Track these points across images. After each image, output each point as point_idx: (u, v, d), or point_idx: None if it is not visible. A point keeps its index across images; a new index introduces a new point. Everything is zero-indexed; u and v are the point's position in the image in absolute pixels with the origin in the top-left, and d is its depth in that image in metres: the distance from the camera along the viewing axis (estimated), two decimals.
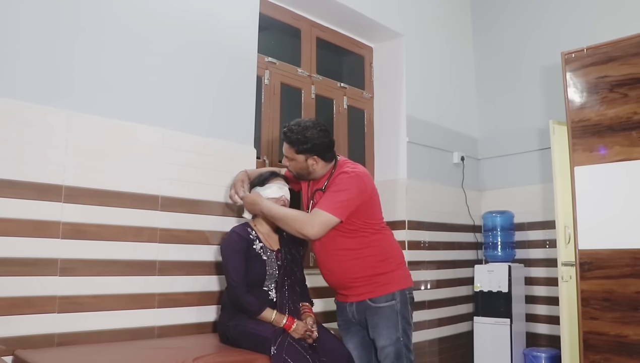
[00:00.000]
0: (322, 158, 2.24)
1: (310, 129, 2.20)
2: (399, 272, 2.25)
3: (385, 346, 2.16)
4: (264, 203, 2.27)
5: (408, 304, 2.22)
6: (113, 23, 2.33)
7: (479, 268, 3.96)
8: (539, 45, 4.17)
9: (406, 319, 2.19)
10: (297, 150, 2.22)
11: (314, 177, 2.30)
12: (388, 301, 2.17)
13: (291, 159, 2.26)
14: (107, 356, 1.94)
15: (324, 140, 2.22)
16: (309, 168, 2.25)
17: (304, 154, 2.22)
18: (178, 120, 2.52)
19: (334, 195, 2.14)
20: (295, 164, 2.27)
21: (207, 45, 2.67)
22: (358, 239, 2.20)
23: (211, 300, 2.54)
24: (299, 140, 2.20)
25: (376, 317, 2.18)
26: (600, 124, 2.64)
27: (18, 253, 1.97)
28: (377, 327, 2.18)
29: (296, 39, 3.48)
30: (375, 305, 2.18)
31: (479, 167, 4.48)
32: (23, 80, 2.06)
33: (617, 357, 2.49)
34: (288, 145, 2.25)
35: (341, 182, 2.16)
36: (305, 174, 2.28)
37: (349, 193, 2.13)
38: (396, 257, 2.28)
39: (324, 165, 2.27)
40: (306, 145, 2.19)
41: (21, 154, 2.02)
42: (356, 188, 2.15)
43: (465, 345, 4.00)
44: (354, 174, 2.18)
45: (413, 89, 3.87)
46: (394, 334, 2.15)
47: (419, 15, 4.06)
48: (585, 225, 2.65)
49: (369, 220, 2.22)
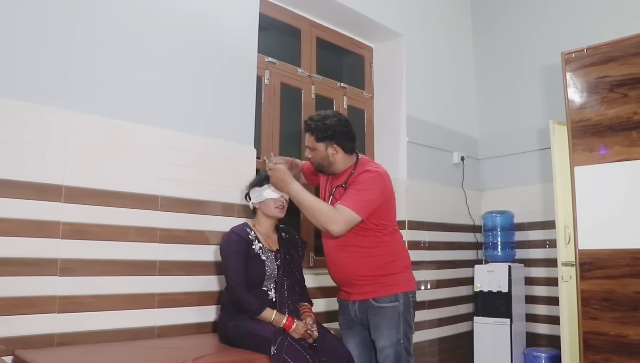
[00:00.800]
0: (342, 148, 2.25)
1: (330, 118, 2.25)
2: (404, 275, 2.25)
3: (385, 347, 2.15)
4: (293, 185, 2.21)
5: (411, 307, 2.22)
6: (113, 23, 2.33)
7: (479, 268, 3.96)
8: (539, 45, 4.17)
9: (408, 322, 2.19)
10: (317, 137, 2.24)
11: (335, 170, 2.29)
12: (391, 302, 2.17)
13: (312, 148, 2.28)
14: (107, 356, 1.94)
15: (344, 129, 2.25)
16: (329, 157, 2.25)
17: (324, 142, 2.23)
18: (178, 120, 2.52)
19: (358, 193, 2.13)
20: (316, 154, 2.28)
21: (207, 45, 2.67)
22: (369, 238, 2.20)
23: (211, 300, 2.54)
24: (319, 127, 2.23)
25: (378, 317, 2.18)
26: (600, 124, 2.64)
27: (18, 253, 1.97)
28: (379, 327, 2.18)
29: (296, 39, 3.48)
30: (378, 305, 2.18)
31: (479, 167, 4.48)
32: (23, 80, 2.06)
33: (617, 357, 2.48)
34: (309, 134, 2.27)
35: (365, 181, 2.16)
36: (326, 164, 2.28)
37: (372, 193, 2.14)
38: (403, 260, 2.28)
39: (345, 157, 2.27)
40: (326, 132, 2.22)
41: (21, 154, 2.02)
42: (379, 188, 2.17)
43: (465, 345, 4.00)
44: (377, 174, 2.19)
45: (413, 89, 3.87)
46: (394, 336, 2.15)
47: (419, 15, 4.06)
48: (585, 225, 2.65)
49: (383, 221, 2.22)
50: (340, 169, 2.29)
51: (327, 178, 2.38)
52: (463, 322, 4.06)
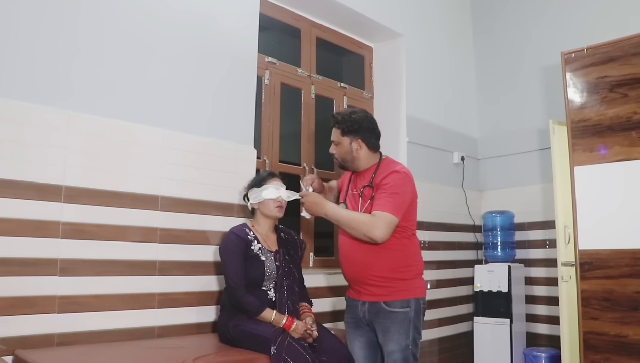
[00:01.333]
0: (366, 144, 2.27)
1: (357, 113, 2.30)
2: (416, 281, 2.24)
3: (393, 352, 2.14)
4: (327, 206, 2.22)
5: (421, 314, 2.21)
6: (113, 23, 2.33)
7: (479, 268, 3.96)
8: (539, 45, 4.17)
9: (417, 328, 2.19)
10: (342, 131, 2.28)
11: (358, 166, 2.30)
12: (403, 307, 2.16)
13: (337, 143, 2.30)
14: (107, 356, 1.94)
15: (370, 125, 2.29)
16: (353, 152, 2.27)
17: (349, 136, 2.26)
18: (178, 120, 2.52)
19: (392, 196, 2.13)
20: (340, 148, 2.30)
21: (207, 45, 2.67)
22: (389, 238, 2.17)
23: (211, 300, 2.54)
24: (345, 120, 2.27)
25: (388, 321, 2.17)
26: (600, 124, 2.64)
27: (18, 253, 1.97)
28: (388, 332, 2.16)
29: (296, 39, 3.48)
30: (389, 309, 2.16)
31: (479, 167, 4.48)
32: (23, 80, 2.06)
33: (617, 357, 2.49)
34: (335, 128, 2.31)
35: (396, 182, 2.16)
36: (349, 159, 2.30)
37: (405, 195, 2.17)
38: (418, 266, 2.27)
39: (368, 154, 2.29)
40: (352, 126, 2.26)
41: (21, 154, 2.02)
42: (409, 189, 2.20)
43: (465, 345, 4.00)
44: (405, 175, 2.21)
45: (413, 89, 3.87)
46: (403, 341, 2.14)
47: (418, 15, 4.06)
48: (585, 225, 2.65)
49: (405, 223, 2.21)
50: (363, 166, 2.30)
51: (350, 178, 2.38)
52: (463, 322, 4.06)
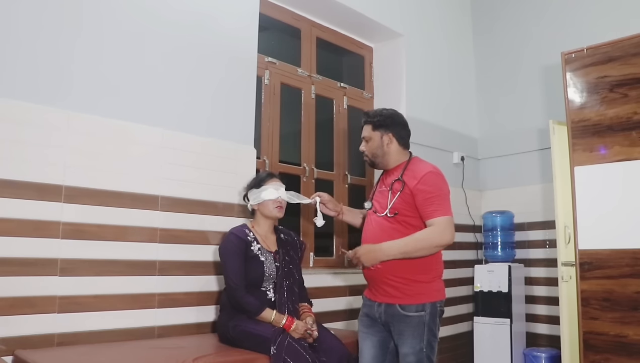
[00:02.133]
0: (396, 138, 2.30)
1: (387, 110, 2.36)
2: (434, 284, 2.22)
3: (407, 354, 2.14)
4: (384, 248, 2.16)
5: (437, 317, 2.20)
6: (113, 23, 2.33)
7: (479, 268, 3.96)
8: (539, 45, 4.17)
9: (432, 332, 2.17)
10: (373, 125, 2.31)
11: (388, 162, 2.31)
12: (418, 311, 2.15)
13: (368, 138, 2.32)
14: (107, 356, 1.94)
15: (400, 120, 2.34)
16: (383, 146, 2.29)
17: (380, 130, 2.29)
18: (178, 120, 2.52)
19: (440, 198, 2.17)
20: (371, 145, 2.31)
21: (207, 45, 2.67)
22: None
23: (211, 300, 2.54)
24: (376, 114, 2.33)
25: (402, 325, 2.16)
26: (600, 124, 2.64)
27: (18, 253, 1.97)
28: (403, 335, 2.16)
29: (296, 39, 3.48)
30: (404, 313, 2.15)
31: (479, 167, 4.47)
32: (23, 80, 2.06)
33: (617, 357, 2.48)
34: (366, 125, 2.34)
35: (436, 183, 2.20)
36: (380, 154, 2.30)
37: (447, 193, 2.22)
38: (438, 269, 2.26)
39: (398, 150, 2.31)
40: (383, 120, 2.30)
41: (21, 153, 2.02)
42: (447, 187, 2.25)
43: (465, 345, 4.00)
44: (441, 174, 2.25)
45: (413, 89, 3.87)
46: (417, 344, 2.13)
47: (418, 15, 4.06)
48: (585, 225, 2.65)
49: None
50: (393, 162, 2.30)
51: (380, 179, 2.39)
52: (463, 322, 4.06)
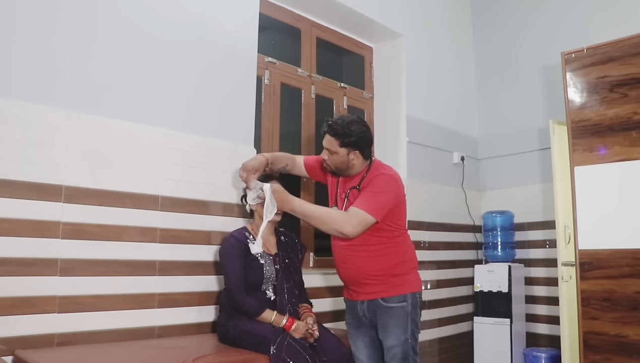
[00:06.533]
0: (362, 154, 2.26)
1: (355, 124, 2.23)
2: (412, 276, 2.26)
3: (393, 346, 2.16)
4: (294, 202, 2.20)
5: (418, 307, 2.23)
6: (113, 24, 2.33)
7: (479, 268, 3.96)
8: (539, 45, 4.16)
9: (415, 322, 2.20)
10: (341, 143, 2.23)
11: (351, 173, 2.30)
12: (400, 302, 2.18)
13: (333, 152, 2.26)
14: (107, 356, 1.94)
15: (367, 136, 2.26)
16: (349, 162, 2.25)
17: (347, 148, 2.23)
18: (178, 121, 2.52)
19: (373, 195, 2.14)
20: (336, 158, 2.26)
21: (207, 45, 2.66)
22: (380, 238, 2.20)
23: (211, 300, 2.54)
24: (345, 133, 2.21)
25: (386, 317, 2.18)
26: (600, 124, 2.64)
27: (18, 253, 1.97)
28: (387, 327, 2.18)
29: (296, 39, 3.48)
30: (387, 305, 2.18)
31: (479, 167, 4.47)
32: (23, 80, 2.06)
33: (617, 357, 2.49)
34: (332, 138, 2.24)
35: (380, 184, 2.17)
36: (344, 168, 2.28)
37: (386, 195, 2.16)
38: (412, 261, 2.29)
39: (362, 162, 2.28)
40: (351, 138, 2.21)
41: (21, 153, 2.01)
42: (393, 191, 2.19)
43: (465, 345, 4.00)
44: (391, 177, 2.21)
45: (413, 88, 3.87)
46: (402, 335, 2.16)
47: (419, 15, 4.06)
48: (585, 225, 2.65)
49: (395, 222, 2.23)
50: (356, 172, 2.30)
51: (337, 179, 2.38)
52: (463, 322, 4.06)
